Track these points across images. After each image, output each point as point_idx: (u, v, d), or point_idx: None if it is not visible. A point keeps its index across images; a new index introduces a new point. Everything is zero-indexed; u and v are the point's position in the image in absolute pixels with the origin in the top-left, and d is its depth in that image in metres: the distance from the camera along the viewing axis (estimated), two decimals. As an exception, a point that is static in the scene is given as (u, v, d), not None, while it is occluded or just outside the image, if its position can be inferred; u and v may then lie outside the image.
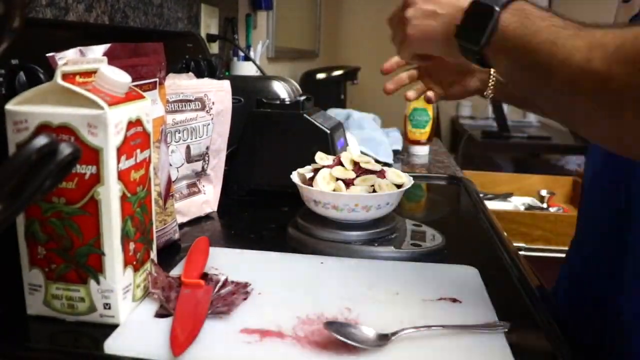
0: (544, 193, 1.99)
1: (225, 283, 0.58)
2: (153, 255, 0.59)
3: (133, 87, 0.54)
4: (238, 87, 0.98)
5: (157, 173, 0.67)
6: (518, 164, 3.21)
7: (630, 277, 0.57)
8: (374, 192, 0.72)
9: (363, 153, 1.29)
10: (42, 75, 0.61)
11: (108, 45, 0.58)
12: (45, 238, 0.50)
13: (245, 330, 0.50)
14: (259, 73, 1.56)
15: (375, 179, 0.74)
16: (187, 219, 0.84)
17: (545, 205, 1.96)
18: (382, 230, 0.73)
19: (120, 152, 0.49)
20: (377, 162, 0.79)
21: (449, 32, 0.54)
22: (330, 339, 0.48)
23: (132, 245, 0.53)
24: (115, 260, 0.50)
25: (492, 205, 1.78)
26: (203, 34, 1.41)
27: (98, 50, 0.57)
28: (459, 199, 1.12)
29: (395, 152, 1.46)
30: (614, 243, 0.60)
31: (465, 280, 0.62)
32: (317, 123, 0.96)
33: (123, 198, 0.50)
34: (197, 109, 0.82)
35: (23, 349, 0.50)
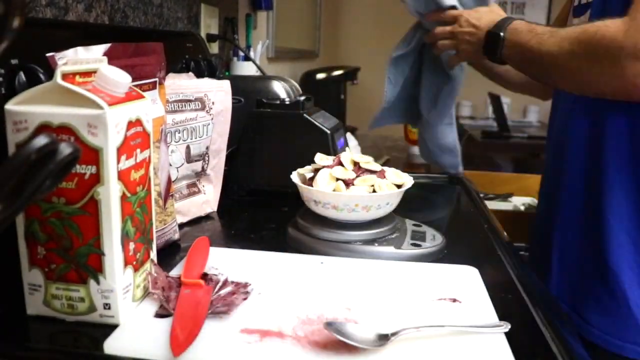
0: (544, 193, 1.98)
1: (225, 283, 0.58)
2: (153, 255, 0.59)
3: (133, 87, 0.54)
4: (238, 87, 0.98)
5: (157, 173, 0.67)
6: (518, 164, 3.20)
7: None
8: (374, 192, 0.72)
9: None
10: (42, 75, 0.61)
11: (108, 45, 0.58)
12: (45, 238, 0.50)
13: (245, 330, 0.50)
14: (259, 73, 1.56)
15: (375, 179, 0.73)
16: (187, 219, 0.84)
17: (546, 205, 1.95)
18: (382, 230, 0.73)
19: (120, 152, 0.49)
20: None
21: (479, 50, 0.95)
22: (330, 339, 0.48)
23: (132, 245, 0.53)
24: (115, 260, 0.50)
25: (492, 205, 1.78)
26: (203, 34, 1.41)
27: (98, 50, 0.57)
28: (459, 199, 1.12)
29: None
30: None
31: (465, 280, 0.62)
32: (317, 123, 0.96)
33: (123, 198, 0.50)
34: (197, 109, 0.82)
35: (23, 349, 0.50)
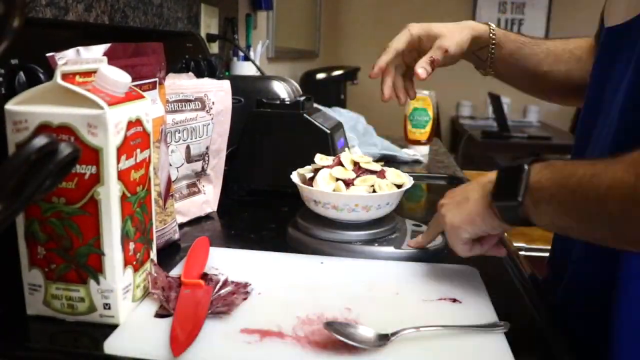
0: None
1: (225, 283, 0.58)
2: (153, 255, 0.59)
3: (133, 87, 0.54)
4: (238, 87, 0.98)
5: (157, 173, 0.67)
6: (518, 164, 3.20)
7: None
8: (374, 192, 0.72)
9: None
10: (41, 75, 0.61)
11: (108, 45, 0.58)
12: (45, 238, 0.50)
13: (245, 330, 0.50)
14: (259, 73, 1.56)
15: (375, 179, 0.73)
16: (187, 219, 0.84)
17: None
18: (382, 230, 0.73)
19: (120, 152, 0.49)
20: (378, 160, 0.79)
21: (486, 204, 0.56)
22: (330, 339, 0.48)
23: (132, 245, 0.53)
24: (115, 260, 0.50)
25: (492, 205, 1.78)
26: (203, 34, 1.41)
27: (98, 50, 0.57)
28: (459, 199, 1.12)
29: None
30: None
31: (465, 280, 0.62)
32: (317, 123, 0.96)
33: (123, 198, 0.50)
34: (197, 109, 0.82)
35: (23, 349, 0.50)
